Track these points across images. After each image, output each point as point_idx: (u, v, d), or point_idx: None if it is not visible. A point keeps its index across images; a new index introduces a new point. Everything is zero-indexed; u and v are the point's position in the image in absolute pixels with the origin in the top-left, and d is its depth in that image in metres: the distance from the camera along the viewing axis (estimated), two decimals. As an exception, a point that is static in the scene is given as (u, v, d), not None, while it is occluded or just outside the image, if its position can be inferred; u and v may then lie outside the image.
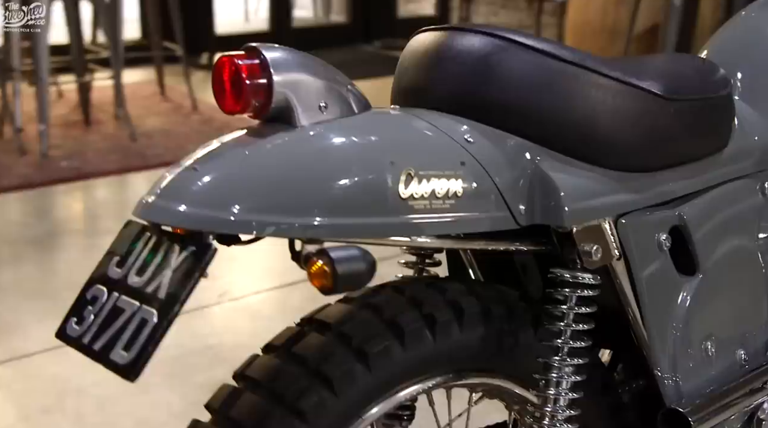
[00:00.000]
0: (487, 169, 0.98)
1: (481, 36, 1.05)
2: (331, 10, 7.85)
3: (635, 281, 1.10)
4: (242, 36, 6.65)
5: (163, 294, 0.83)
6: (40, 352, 2.43)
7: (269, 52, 0.91)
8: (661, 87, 1.09)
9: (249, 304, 2.84)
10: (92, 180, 3.89)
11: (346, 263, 0.84)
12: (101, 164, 4.03)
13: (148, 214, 0.86)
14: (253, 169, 0.87)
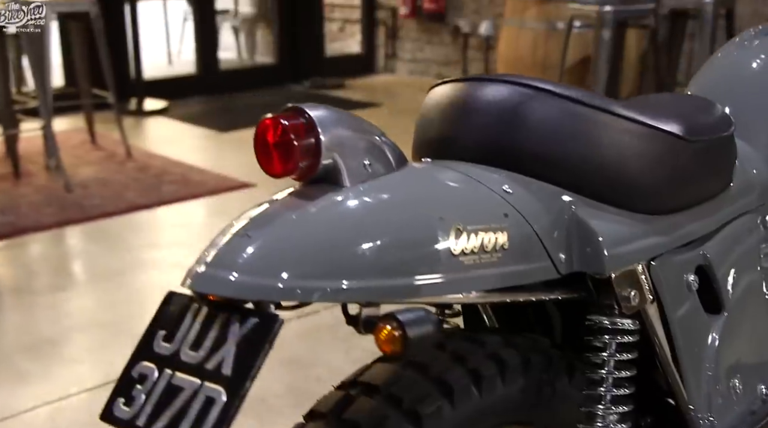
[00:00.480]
0: (528, 220, 0.98)
1: (507, 85, 1.04)
2: (256, 52, 7.81)
3: (669, 323, 1.11)
4: (170, 80, 6.56)
5: (229, 370, 0.79)
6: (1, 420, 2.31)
7: (313, 111, 0.89)
8: (681, 129, 1.10)
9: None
10: (29, 235, 3.74)
11: (416, 326, 0.82)
12: (37, 218, 3.88)
13: (201, 285, 0.82)
14: (307, 235, 0.84)
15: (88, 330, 2.85)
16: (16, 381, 2.51)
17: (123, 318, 2.94)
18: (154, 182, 4.39)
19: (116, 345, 2.73)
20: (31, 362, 2.62)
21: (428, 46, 6.99)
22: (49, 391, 2.44)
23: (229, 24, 7.90)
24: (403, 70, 7.21)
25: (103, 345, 2.73)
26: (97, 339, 2.78)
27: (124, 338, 2.78)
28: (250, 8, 8.00)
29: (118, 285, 3.22)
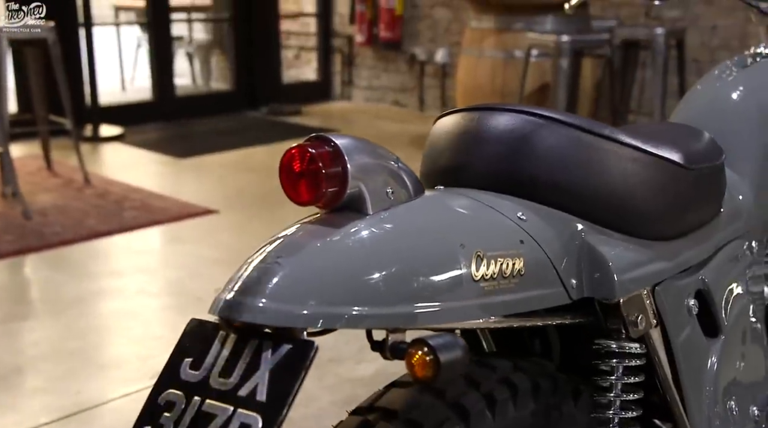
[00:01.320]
0: (542, 246, 1.00)
1: (516, 114, 1.07)
2: (212, 78, 7.79)
3: (672, 347, 1.13)
4: (125, 106, 6.50)
5: (264, 396, 0.79)
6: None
7: (339, 139, 0.90)
8: (681, 157, 1.14)
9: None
10: (-12, 263, 3.66)
11: (447, 351, 0.83)
12: (-5, 246, 3.81)
13: (233, 312, 0.82)
14: (333, 263, 0.85)
15: (53, 359, 2.80)
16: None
17: (88, 346, 2.89)
18: (114, 209, 4.34)
19: (83, 373, 2.68)
20: (0, 392, 2.56)
21: (384, 74, 7.05)
22: (19, 421, 2.39)
23: (184, 50, 7.86)
24: (359, 97, 7.25)
25: (70, 374, 2.68)
26: (63, 368, 2.73)
27: (90, 366, 2.73)
28: (204, 35, 7.98)
29: (81, 313, 3.17)
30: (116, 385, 2.62)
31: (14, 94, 5.92)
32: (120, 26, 8.16)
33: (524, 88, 4.75)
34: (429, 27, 6.71)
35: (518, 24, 4.97)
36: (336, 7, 7.28)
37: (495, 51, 5.04)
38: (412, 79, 6.83)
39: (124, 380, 2.64)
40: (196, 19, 7.92)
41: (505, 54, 5.02)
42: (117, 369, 2.73)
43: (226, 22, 7.18)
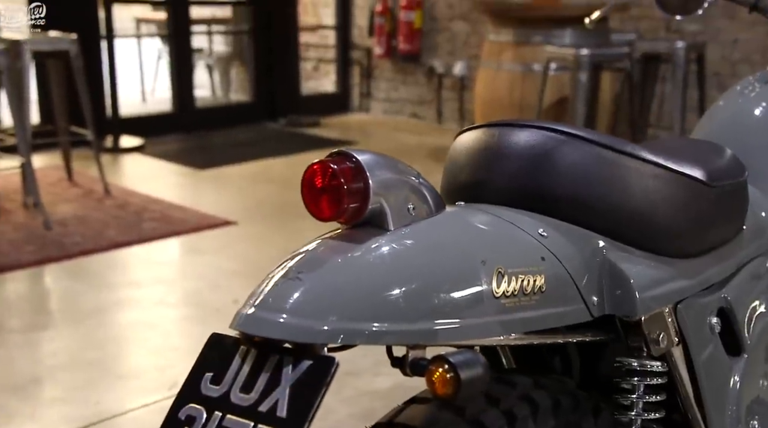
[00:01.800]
0: (563, 263, 0.99)
1: (537, 130, 1.07)
2: (231, 90, 7.83)
3: (694, 365, 1.13)
4: (146, 118, 6.55)
5: (284, 412, 0.79)
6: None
7: (361, 155, 0.90)
8: (704, 174, 1.14)
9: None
10: (8, 273, 3.69)
11: (467, 369, 0.82)
12: (16, 256, 3.83)
13: (254, 327, 0.83)
14: (354, 279, 0.85)
15: (72, 369, 2.81)
16: (4, 421, 2.46)
17: (107, 357, 2.91)
18: (134, 219, 4.36)
19: (102, 383, 2.69)
20: (17, 402, 2.58)
21: (403, 86, 7.07)
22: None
23: (204, 62, 7.92)
24: (377, 109, 7.27)
25: (89, 384, 2.69)
26: (81, 378, 2.74)
27: (109, 376, 2.75)
28: (224, 47, 8.03)
29: (100, 323, 3.18)
30: (135, 395, 2.63)
31: (37, 105, 5.98)
32: (141, 38, 8.21)
33: (542, 102, 4.75)
34: (447, 40, 6.72)
35: (537, 37, 4.97)
36: (355, 20, 7.31)
37: (513, 64, 5.04)
38: (431, 91, 6.84)
39: (143, 390, 2.65)
40: (217, 31, 7.97)
41: (523, 67, 5.02)
42: (135, 380, 2.74)
43: (245, 34, 7.22)
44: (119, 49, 6.34)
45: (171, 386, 2.70)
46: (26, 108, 4.47)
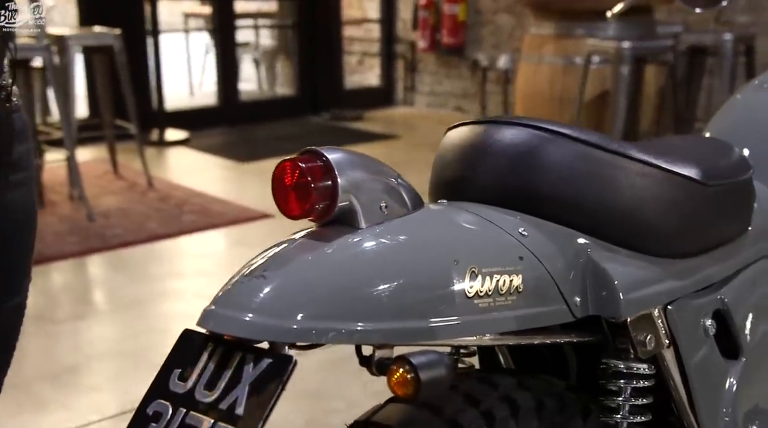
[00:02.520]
0: (543, 263, 0.98)
1: (523, 128, 1.05)
2: (277, 83, 7.89)
3: (686, 368, 1.10)
4: (190, 111, 6.63)
5: (242, 410, 0.80)
6: (20, 450, 2.33)
7: (330, 154, 0.90)
8: (699, 173, 1.11)
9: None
10: (52, 263, 3.78)
11: (428, 369, 0.82)
12: (60, 246, 3.92)
13: (217, 325, 0.83)
14: (322, 276, 0.85)
15: (108, 359, 2.87)
16: (37, 408, 2.52)
17: (143, 348, 2.96)
18: (175, 212, 4.43)
19: (136, 374, 2.74)
20: (51, 390, 2.64)
21: (447, 80, 7.04)
22: (69, 419, 2.45)
23: (251, 56, 7.99)
24: (421, 103, 7.26)
25: (123, 375, 2.74)
26: (117, 368, 2.79)
27: (144, 368, 2.79)
28: (270, 41, 8.09)
29: (138, 314, 3.24)
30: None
31: (85, 99, 6.10)
32: (189, 33, 8.32)
33: (583, 96, 4.68)
34: (492, 33, 6.67)
35: (579, 30, 4.90)
36: (399, 13, 7.30)
37: (554, 57, 4.98)
38: (474, 85, 6.80)
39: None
40: (262, 25, 8.03)
41: (564, 60, 4.96)
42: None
43: (289, 28, 7.26)
44: (168, 44, 6.45)
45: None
46: (71, 102, 4.56)
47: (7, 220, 1.23)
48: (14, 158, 1.21)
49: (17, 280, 1.29)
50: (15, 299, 1.29)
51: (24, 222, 1.27)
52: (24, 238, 1.28)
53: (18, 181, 1.23)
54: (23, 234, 1.28)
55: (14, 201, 1.23)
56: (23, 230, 1.28)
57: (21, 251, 1.28)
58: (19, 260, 1.28)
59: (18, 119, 1.22)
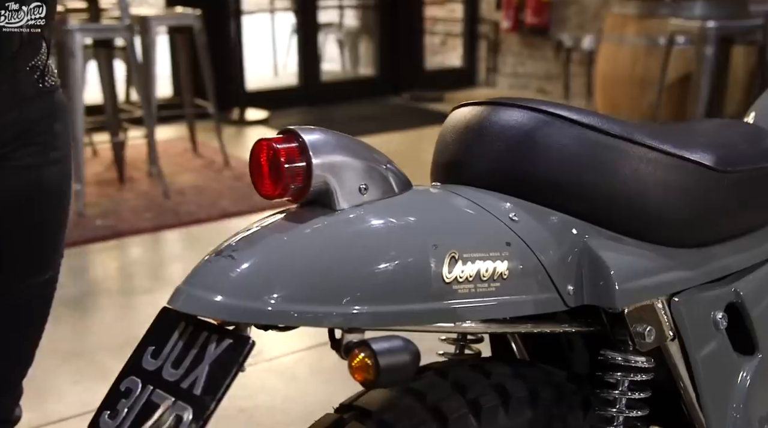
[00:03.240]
0: (533, 249, 0.94)
1: (523, 110, 1.02)
2: (359, 64, 7.91)
3: (691, 362, 1.05)
4: (271, 91, 6.71)
5: (200, 389, 0.80)
6: (76, 416, 2.40)
7: (307, 135, 0.89)
8: (713, 159, 1.05)
9: (283, 364, 2.80)
10: (126, 238, 3.89)
11: (389, 355, 0.80)
12: (135, 222, 4.04)
13: (184, 304, 0.83)
14: (290, 258, 0.84)
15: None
16: (98, 377, 2.60)
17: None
18: (248, 191, 4.49)
19: None
20: (114, 360, 2.71)
21: (530, 61, 6.92)
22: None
23: (335, 37, 8.02)
24: (503, 84, 7.15)
25: None
26: None
27: None
28: (354, 21, 8.10)
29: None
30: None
31: (170, 79, 6.25)
32: (275, 13, 8.40)
33: (665, 78, 4.53)
34: (577, 13, 6.51)
35: (663, 9, 4.74)
36: (483, -7, 7.21)
37: (637, 38, 4.83)
38: (558, 66, 6.66)
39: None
40: (345, 5, 8.05)
41: (648, 41, 4.81)
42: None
43: (371, 9, 7.25)
44: (255, 25, 6.52)
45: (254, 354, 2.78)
46: (152, 82, 4.67)
47: (41, 196, 1.27)
48: (50, 136, 1.25)
49: (47, 256, 1.33)
50: (45, 274, 1.33)
51: (57, 199, 1.31)
52: (55, 215, 1.32)
53: (54, 158, 1.28)
54: (55, 211, 1.32)
55: (49, 177, 1.28)
56: (56, 207, 1.32)
57: (52, 228, 1.32)
58: (49, 237, 1.32)
59: (50, 101, 1.26)
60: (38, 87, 1.23)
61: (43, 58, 1.23)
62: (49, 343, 2.96)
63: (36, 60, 1.21)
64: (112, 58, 4.67)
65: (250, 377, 2.69)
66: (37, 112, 1.23)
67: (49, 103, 1.25)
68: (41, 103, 1.24)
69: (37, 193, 1.26)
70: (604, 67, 5.06)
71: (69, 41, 4.00)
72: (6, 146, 1.20)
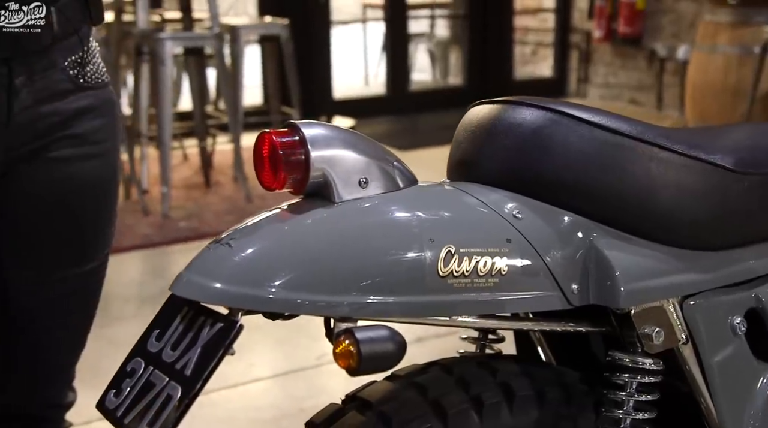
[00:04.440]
0: (535, 247, 0.94)
1: (533, 109, 1.02)
2: (449, 73, 7.92)
3: (705, 367, 1.03)
4: (358, 100, 6.79)
5: (190, 371, 0.83)
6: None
7: (308, 129, 0.91)
8: (732, 160, 1.03)
9: (347, 368, 2.83)
10: (208, 240, 3.95)
11: (371, 344, 0.82)
12: (217, 224, 4.15)
13: (182, 289, 0.87)
14: (286, 246, 0.87)
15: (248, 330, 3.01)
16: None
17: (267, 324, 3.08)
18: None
19: (293, 342, 2.86)
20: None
21: (622, 71, 6.79)
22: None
23: (425, 47, 8.06)
24: (594, 95, 7.04)
25: (279, 342, 2.85)
26: (267, 337, 2.90)
27: (295, 334, 2.90)
28: (444, 31, 8.12)
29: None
30: (283, 362, 2.78)
31: (261, 87, 6.39)
32: (367, 23, 8.50)
33: (758, 88, 4.38)
34: (672, 21, 6.36)
35: (758, 17, 4.58)
36: (575, 2, 7.11)
37: (729, 46, 4.69)
38: (651, 76, 6.51)
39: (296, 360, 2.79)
40: (435, 15, 8.08)
41: (740, 49, 4.66)
42: (288, 345, 2.89)
43: (461, 19, 7.26)
44: (347, 34, 6.61)
45: (319, 356, 2.83)
46: (239, 89, 4.80)
47: (77, 189, 1.33)
48: (82, 131, 1.31)
49: (89, 248, 1.39)
50: (87, 265, 1.39)
51: (96, 192, 1.37)
52: (95, 208, 1.37)
53: (93, 152, 1.33)
54: (95, 204, 1.37)
55: (86, 171, 1.33)
56: (96, 200, 1.37)
57: (91, 220, 1.38)
58: (89, 229, 1.38)
59: (90, 96, 1.32)
60: (77, 82, 1.28)
61: (82, 54, 1.28)
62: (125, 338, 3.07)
63: (75, 56, 1.27)
64: (203, 67, 4.82)
65: (313, 378, 2.74)
66: (74, 106, 1.28)
67: (89, 99, 1.30)
68: (79, 98, 1.28)
69: (74, 186, 1.30)
70: (695, 76, 4.93)
71: (159, 49, 4.16)
72: (41, 139, 1.26)
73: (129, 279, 3.72)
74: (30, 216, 1.30)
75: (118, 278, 3.64)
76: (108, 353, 2.85)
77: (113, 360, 1.48)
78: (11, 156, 1.25)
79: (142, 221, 4.24)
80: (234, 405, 2.51)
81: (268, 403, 2.57)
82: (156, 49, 4.19)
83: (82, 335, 1.48)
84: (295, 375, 2.72)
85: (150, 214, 4.32)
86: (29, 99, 1.22)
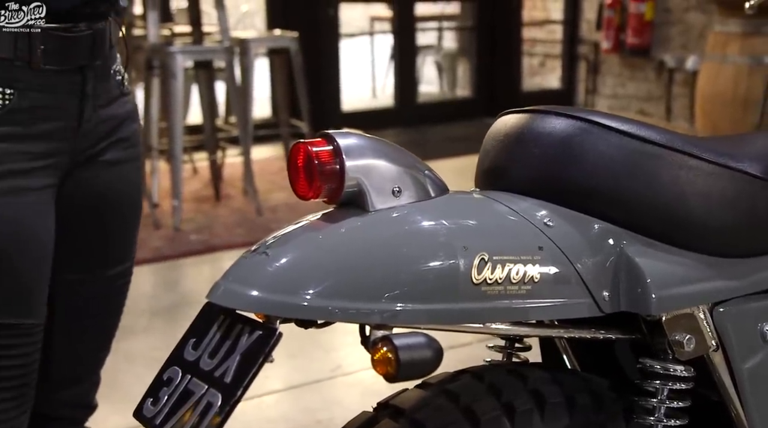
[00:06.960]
0: (566, 254, 0.95)
1: (564, 118, 1.03)
2: (457, 85, 7.94)
3: (735, 374, 1.03)
4: (367, 112, 6.81)
5: (229, 378, 0.84)
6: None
7: (342, 139, 0.92)
8: (761, 168, 1.04)
9: (362, 379, 2.83)
10: (219, 252, 4.01)
11: (410, 351, 0.83)
12: (228, 237, 4.17)
13: (220, 298, 0.88)
14: (322, 254, 0.88)
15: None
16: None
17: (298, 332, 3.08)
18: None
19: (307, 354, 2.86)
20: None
21: (630, 82, 6.80)
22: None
23: (433, 59, 8.08)
24: (603, 106, 7.05)
25: (293, 354, 2.87)
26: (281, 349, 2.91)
27: (309, 347, 2.91)
28: (452, 43, 8.15)
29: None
30: (297, 374, 2.78)
31: (270, 100, 6.42)
32: (374, 36, 8.53)
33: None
34: (681, 32, 6.38)
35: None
36: (583, 14, 7.13)
37: (740, 56, 4.70)
38: (660, 87, 6.53)
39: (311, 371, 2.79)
40: (444, 27, 8.11)
41: (751, 60, 4.67)
42: (301, 358, 2.89)
43: (469, 31, 7.29)
44: (355, 47, 6.63)
45: (333, 368, 2.83)
46: (249, 102, 4.82)
47: (128, 189, 1.38)
48: (127, 135, 1.36)
49: (124, 248, 1.43)
50: (118, 267, 1.42)
51: (138, 192, 1.43)
52: (135, 209, 1.43)
53: (136, 155, 1.38)
54: (134, 205, 1.42)
55: (132, 172, 1.39)
56: (137, 200, 1.42)
57: (131, 220, 1.42)
58: (127, 229, 1.42)
59: (128, 102, 1.39)
60: (121, 88, 1.35)
61: (120, 64, 1.35)
62: (139, 351, 3.09)
63: (118, 65, 1.34)
64: (213, 80, 4.84)
65: (328, 390, 2.74)
66: (122, 111, 1.36)
67: (129, 105, 1.37)
68: (123, 103, 1.36)
69: (125, 186, 1.37)
70: (704, 86, 4.94)
71: (170, 63, 4.18)
72: (100, 142, 1.32)
73: (141, 293, 3.73)
74: (84, 218, 1.35)
75: (129, 291, 3.65)
76: (122, 367, 2.87)
77: (127, 373, 1.49)
78: (75, 160, 1.30)
79: (153, 234, 4.26)
80: (248, 418, 2.51)
81: (283, 415, 2.57)
82: (167, 62, 4.21)
83: (110, 338, 1.51)
84: (310, 387, 2.72)
85: (161, 227, 4.33)
86: (94, 105, 1.29)
